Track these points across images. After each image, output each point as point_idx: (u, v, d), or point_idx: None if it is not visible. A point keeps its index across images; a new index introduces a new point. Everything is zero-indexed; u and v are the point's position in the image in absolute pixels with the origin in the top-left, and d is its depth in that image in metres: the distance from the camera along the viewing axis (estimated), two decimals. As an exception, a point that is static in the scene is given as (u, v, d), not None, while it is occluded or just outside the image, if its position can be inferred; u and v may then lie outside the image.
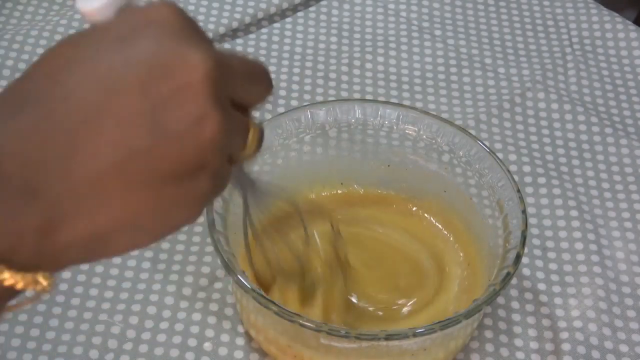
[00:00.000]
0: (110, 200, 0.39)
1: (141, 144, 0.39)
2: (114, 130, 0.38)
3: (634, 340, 0.70)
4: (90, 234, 0.40)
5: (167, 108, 0.39)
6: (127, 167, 0.39)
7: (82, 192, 0.39)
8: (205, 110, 0.40)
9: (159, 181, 0.40)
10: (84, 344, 0.67)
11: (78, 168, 0.38)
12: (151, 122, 0.39)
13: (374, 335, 0.60)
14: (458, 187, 0.72)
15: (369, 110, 0.73)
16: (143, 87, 0.39)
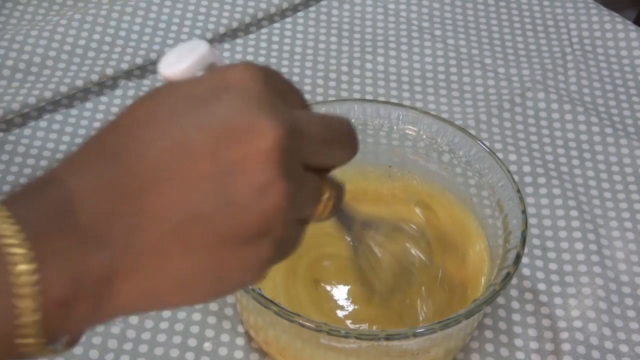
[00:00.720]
0: (169, 260, 0.40)
1: (205, 209, 0.39)
2: (179, 193, 0.39)
3: (634, 340, 0.70)
4: (146, 290, 0.40)
5: (234, 174, 0.39)
6: (188, 230, 0.39)
7: (145, 249, 0.39)
8: (271, 179, 0.40)
9: (219, 246, 0.40)
10: (84, 344, 0.67)
11: (143, 225, 0.39)
12: (217, 188, 0.39)
13: (374, 335, 0.60)
14: (458, 187, 0.72)
15: (369, 110, 0.73)
16: (212, 152, 0.39)
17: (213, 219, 0.39)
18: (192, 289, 0.41)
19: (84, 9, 0.91)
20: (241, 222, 0.40)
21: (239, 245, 0.40)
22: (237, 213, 0.40)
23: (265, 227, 0.40)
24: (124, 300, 0.40)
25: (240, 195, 0.39)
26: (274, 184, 0.40)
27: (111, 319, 0.41)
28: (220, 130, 0.39)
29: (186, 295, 0.41)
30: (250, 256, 0.41)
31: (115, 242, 0.39)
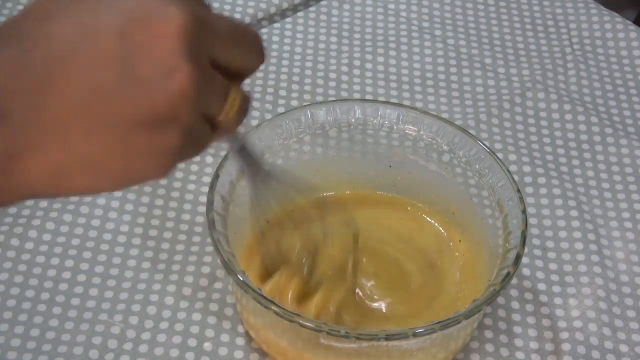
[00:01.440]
0: (73, 137, 0.41)
1: (110, 87, 0.40)
2: (85, 71, 0.40)
3: (634, 340, 0.70)
4: (51, 167, 0.41)
5: (140, 56, 0.40)
6: (93, 107, 0.40)
7: (48, 125, 0.40)
8: (176, 62, 0.41)
9: (124, 125, 0.41)
10: (84, 344, 0.67)
11: (47, 102, 0.40)
12: (122, 68, 0.40)
13: (374, 335, 0.60)
14: (458, 187, 0.72)
15: (369, 110, 0.73)
16: (120, 34, 0.40)
17: (118, 99, 0.40)
18: (98, 170, 0.42)
19: (84, 9, 0.91)
20: (147, 104, 0.41)
21: (144, 128, 0.41)
22: (143, 94, 0.40)
23: (172, 111, 0.41)
24: (31, 178, 0.41)
25: (146, 77, 0.40)
26: (180, 67, 0.41)
27: (23, 198, 0.42)
28: (129, 14, 0.40)
29: (93, 177, 0.42)
30: (157, 141, 0.42)
31: (18, 118, 0.40)
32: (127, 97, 0.40)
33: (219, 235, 0.63)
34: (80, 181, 0.42)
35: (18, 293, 0.70)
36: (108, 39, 0.40)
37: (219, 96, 0.45)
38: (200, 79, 0.42)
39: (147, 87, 0.40)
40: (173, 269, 0.72)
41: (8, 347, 0.67)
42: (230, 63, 0.45)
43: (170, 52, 0.40)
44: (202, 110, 0.43)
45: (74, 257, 0.72)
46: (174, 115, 0.41)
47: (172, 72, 0.40)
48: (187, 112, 0.42)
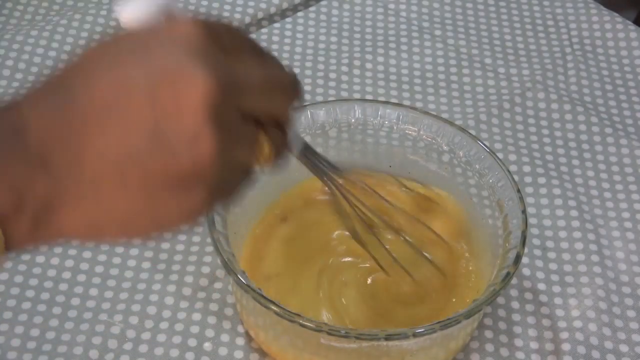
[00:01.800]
0: (107, 193, 0.43)
1: (140, 148, 0.42)
2: (118, 130, 0.42)
3: (634, 340, 0.70)
4: (86, 220, 0.43)
5: (168, 120, 0.42)
6: (124, 168, 0.42)
7: (85, 180, 0.42)
8: (200, 129, 0.42)
9: (153, 187, 0.43)
10: (84, 344, 0.67)
11: (84, 157, 0.42)
12: (152, 130, 0.42)
13: (374, 335, 0.60)
14: (458, 187, 0.72)
15: (369, 110, 0.73)
16: (150, 95, 0.42)
17: (147, 159, 0.42)
18: (129, 224, 0.44)
19: (84, 9, 0.91)
20: (174, 166, 0.42)
21: (173, 187, 0.43)
22: (170, 157, 0.42)
23: (197, 173, 0.43)
24: (64, 225, 0.43)
25: (172, 140, 0.42)
26: (203, 134, 0.42)
27: (56, 242, 0.45)
28: (158, 73, 0.42)
29: (124, 230, 0.44)
30: (185, 199, 0.44)
31: (58, 169, 0.42)
32: (155, 160, 0.42)
33: (219, 235, 0.63)
34: (112, 233, 0.44)
35: (18, 293, 0.70)
36: (139, 100, 0.42)
37: (247, 148, 0.46)
38: (226, 141, 0.43)
39: (173, 151, 0.42)
40: (173, 269, 0.72)
41: (8, 347, 0.67)
42: (262, 112, 0.47)
43: (195, 118, 0.42)
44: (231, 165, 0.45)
45: (74, 257, 0.72)
46: (200, 176, 0.43)
47: (197, 138, 0.42)
48: (212, 172, 0.43)
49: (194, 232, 0.74)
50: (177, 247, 0.74)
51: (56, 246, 0.72)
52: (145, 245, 0.73)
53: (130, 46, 0.43)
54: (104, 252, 0.73)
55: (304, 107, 0.73)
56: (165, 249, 0.73)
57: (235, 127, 0.44)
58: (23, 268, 0.71)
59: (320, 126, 0.72)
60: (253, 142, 0.47)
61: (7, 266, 0.71)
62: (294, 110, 0.49)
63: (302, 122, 0.72)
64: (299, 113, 0.51)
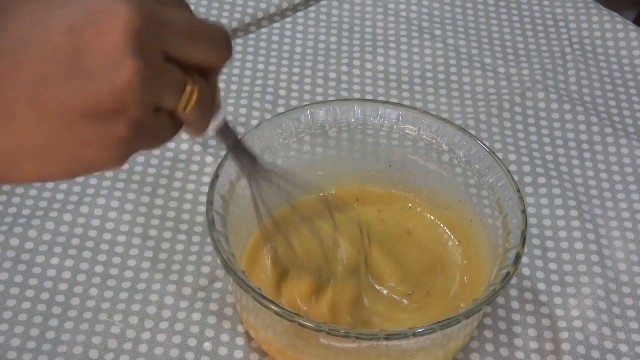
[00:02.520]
0: (22, 125, 0.43)
1: (57, 79, 0.42)
2: (33, 63, 0.42)
3: (634, 340, 0.70)
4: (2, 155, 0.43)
5: (87, 51, 0.42)
6: (40, 97, 0.42)
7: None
8: (121, 56, 0.42)
9: (70, 116, 0.42)
10: (84, 344, 0.67)
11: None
12: (70, 61, 0.42)
13: (374, 335, 0.60)
14: (458, 187, 0.72)
15: (369, 110, 0.73)
16: (70, 29, 0.42)
17: (64, 88, 0.42)
18: (46, 158, 0.44)
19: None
20: (92, 95, 0.42)
21: (90, 119, 0.43)
22: (88, 87, 0.42)
23: (116, 103, 0.43)
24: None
25: (92, 70, 0.42)
26: (125, 61, 0.42)
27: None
28: (81, 10, 0.42)
29: (42, 165, 0.44)
30: (105, 132, 0.43)
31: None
32: (73, 89, 0.42)
33: (219, 235, 0.63)
34: (29, 168, 0.44)
35: (18, 293, 0.70)
36: (58, 33, 0.42)
37: (171, 90, 0.46)
38: (148, 73, 0.43)
39: (92, 80, 0.42)
40: (173, 269, 0.72)
41: (8, 347, 0.67)
42: (189, 58, 0.46)
43: (115, 47, 0.42)
44: (152, 103, 0.45)
45: (74, 257, 0.72)
46: (119, 107, 0.43)
47: (117, 66, 0.42)
48: (133, 105, 0.43)
49: (194, 232, 0.74)
50: (177, 247, 0.74)
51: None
52: (145, 245, 0.73)
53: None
54: (104, 252, 0.73)
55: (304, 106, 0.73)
56: (165, 249, 0.73)
57: (159, 64, 0.44)
58: (23, 268, 0.71)
59: (320, 126, 0.72)
60: (177, 85, 0.46)
61: (7, 266, 0.71)
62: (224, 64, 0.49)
63: (302, 122, 0.72)
64: None
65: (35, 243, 0.73)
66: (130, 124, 0.44)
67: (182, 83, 0.47)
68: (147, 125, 0.45)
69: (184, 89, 0.47)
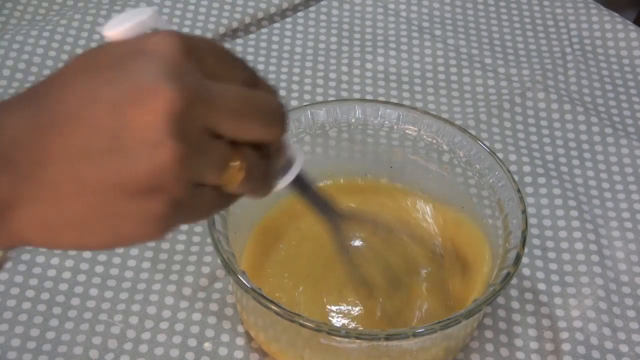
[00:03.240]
0: (64, 198, 0.44)
1: (99, 154, 0.43)
2: (78, 136, 0.43)
3: (634, 340, 0.70)
4: (43, 221, 0.44)
5: (129, 129, 0.43)
6: (82, 172, 0.43)
7: (45, 182, 0.43)
8: (162, 138, 0.43)
9: (110, 192, 0.43)
10: (84, 344, 0.67)
11: (45, 160, 0.43)
12: (112, 137, 0.43)
13: (374, 335, 0.60)
14: (458, 187, 0.72)
15: (369, 110, 0.73)
16: (114, 106, 0.43)
17: (105, 165, 0.43)
18: (85, 229, 0.45)
19: (84, 9, 0.91)
20: (130, 173, 0.43)
21: (130, 195, 0.43)
22: (127, 163, 0.43)
23: (155, 182, 0.43)
24: (25, 227, 0.44)
25: (131, 147, 0.43)
26: (164, 143, 0.43)
27: (18, 244, 0.46)
28: (126, 87, 0.43)
29: (81, 236, 0.45)
30: (143, 209, 0.44)
31: (20, 169, 0.43)
32: (113, 166, 0.43)
33: (219, 235, 0.63)
34: (69, 237, 0.45)
35: (18, 293, 0.70)
36: (102, 109, 0.43)
37: (213, 167, 0.46)
38: (188, 153, 0.43)
39: (132, 158, 0.43)
40: (173, 269, 0.72)
41: (8, 347, 0.67)
42: (236, 135, 0.46)
43: (155, 127, 0.43)
44: (191, 181, 0.45)
45: (74, 257, 0.72)
46: (157, 186, 0.43)
47: (156, 146, 0.43)
48: (172, 184, 0.44)
49: (194, 232, 0.74)
50: (177, 247, 0.74)
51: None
52: (145, 245, 0.73)
53: (107, 61, 0.44)
54: (104, 252, 0.73)
55: (304, 106, 0.73)
56: (165, 249, 0.73)
57: (202, 143, 0.44)
58: (23, 268, 0.71)
59: (320, 126, 0.72)
60: (222, 162, 0.46)
61: (7, 266, 0.71)
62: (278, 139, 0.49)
63: (302, 122, 0.72)
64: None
65: (35, 243, 0.73)
66: (168, 201, 0.44)
67: (226, 160, 0.46)
68: (187, 202, 0.45)
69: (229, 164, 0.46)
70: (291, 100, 0.86)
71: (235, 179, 0.47)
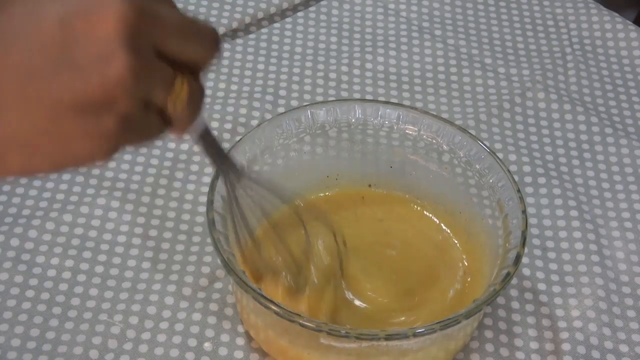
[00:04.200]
0: (9, 117, 0.42)
1: (45, 71, 0.42)
2: (23, 54, 0.42)
3: (634, 340, 0.70)
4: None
5: (78, 43, 0.42)
6: (28, 89, 0.42)
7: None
8: (113, 49, 0.42)
9: (58, 108, 0.42)
10: (84, 344, 0.67)
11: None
12: (60, 53, 0.42)
13: (374, 335, 0.60)
14: (458, 187, 0.72)
15: (369, 110, 0.73)
16: (61, 21, 0.42)
17: (52, 80, 0.42)
18: (32, 149, 0.43)
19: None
20: (81, 88, 0.42)
21: (79, 112, 0.42)
22: (78, 79, 0.42)
23: (106, 96, 0.42)
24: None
25: (82, 62, 0.42)
26: (116, 55, 0.42)
27: None
28: (73, 3, 0.42)
29: (28, 158, 0.44)
30: (92, 126, 0.43)
31: None
32: (61, 81, 0.42)
33: (219, 235, 0.63)
34: (14, 160, 0.44)
35: (18, 293, 0.70)
36: (48, 25, 0.42)
37: (161, 85, 0.46)
38: (139, 67, 0.43)
39: (82, 72, 0.42)
40: (173, 269, 0.72)
41: (8, 347, 0.67)
42: (178, 54, 0.46)
43: (107, 39, 0.42)
44: (142, 97, 0.44)
45: (74, 257, 0.72)
46: (109, 101, 0.43)
47: (109, 58, 0.42)
48: (123, 98, 0.43)
49: (194, 232, 0.74)
50: (177, 247, 0.74)
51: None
52: (145, 245, 0.73)
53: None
54: (104, 252, 0.73)
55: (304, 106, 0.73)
56: (165, 249, 0.73)
57: (150, 60, 0.44)
58: (23, 268, 0.71)
59: (320, 126, 0.72)
60: (168, 81, 0.46)
61: (7, 266, 0.71)
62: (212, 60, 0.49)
63: (302, 122, 0.72)
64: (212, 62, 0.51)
65: (35, 243, 0.73)
66: (119, 118, 0.44)
67: (172, 78, 0.47)
68: (136, 121, 0.45)
69: (174, 84, 0.47)
70: (291, 101, 0.86)
71: (181, 97, 0.47)
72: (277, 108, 0.85)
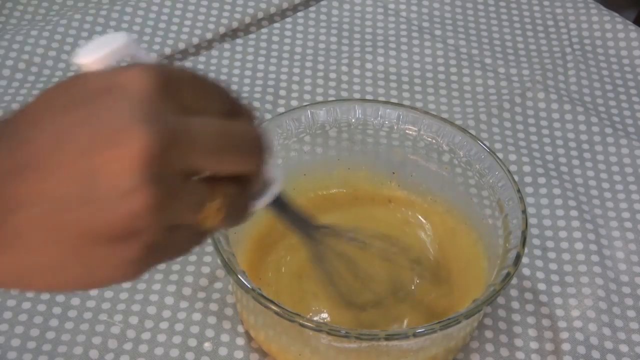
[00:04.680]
0: (33, 246, 0.42)
1: (68, 203, 0.41)
2: (47, 184, 0.41)
3: (634, 340, 0.70)
4: (11, 268, 0.42)
5: (101, 174, 0.40)
6: (51, 221, 0.41)
7: (12, 230, 0.41)
8: (135, 184, 0.40)
9: (81, 241, 0.41)
10: (84, 344, 0.67)
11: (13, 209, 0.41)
12: (82, 185, 0.40)
13: (374, 335, 0.60)
14: (458, 187, 0.72)
15: (369, 110, 0.73)
16: (85, 151, 0.40)
17: (75, 214, 0.41)
18: (55, 276, 0.43)
19: (84, 9, 0.91)
20: (103, 222, 0.41)
21: (102, 243, 0.41)
22: (99, 212, 0.41)
23: (129, 229, 0.41)
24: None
25: (103, 193, 0.40)
26: (138, 189, 0.40)
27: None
28: (97, 129, 0.40)
29: (51, 281, 0.43)
30: (117, 254, 0.42)
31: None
32: (84, 214, 0.41)
33: (219, 235, 0.63)
34: (40, 282, 0.44)
35: (18, 293, 0.70)
36: (72, 155, 0.40)
37: (194, 208, 0.44)
38: (164, 198, 0.41)
39: (104, 205, 0.41)
40: (173, 269, 0.72)
41: (8, 347, 0.67)
42: (215, 171, 0.44)
43: (130, 172, 0.40)
44: (168, 224, 0.43)
45: (74, 257, 0.72)
46: (132, 232, 0.41)
47: (131, 192, 0.40)
48: (146, 229, 0.42)
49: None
50: (177, 247, 0.73)
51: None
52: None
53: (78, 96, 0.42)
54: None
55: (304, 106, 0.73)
56: (165, 249, 0.73)
57: (178, 185, 0.42)
58: (23, 268, 0.71)
59: (320, 126, 0.72)
60: (199, 202, 0.44)
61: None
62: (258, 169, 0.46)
63: (302, 122, 0.72)
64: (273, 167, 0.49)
65: (35, 243, 0.73)
66: (144, 245, 0.42)
67: (203, 200, 0.44)
68: (162, 244, 0.43)
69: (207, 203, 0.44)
70: (291, 100, 0.86)
71: (214, 216, 0.45)
72: (277, 108, 0.85)
